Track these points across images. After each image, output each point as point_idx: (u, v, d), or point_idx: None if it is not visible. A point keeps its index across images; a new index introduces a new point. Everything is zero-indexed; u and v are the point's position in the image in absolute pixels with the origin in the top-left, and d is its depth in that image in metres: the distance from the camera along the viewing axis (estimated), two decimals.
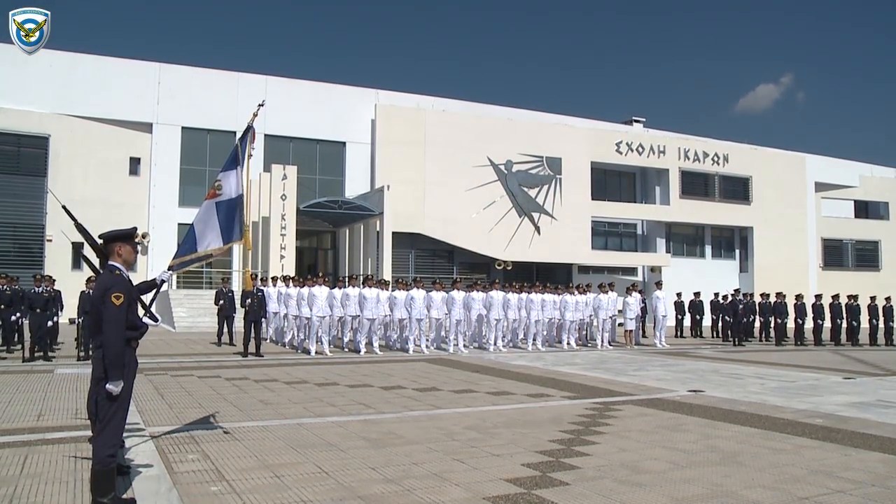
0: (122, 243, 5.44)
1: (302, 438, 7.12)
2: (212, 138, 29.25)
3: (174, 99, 28.83)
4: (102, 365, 5.05)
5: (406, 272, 30.19)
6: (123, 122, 28.32)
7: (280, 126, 30.17)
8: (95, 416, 5.07)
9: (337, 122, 31.30)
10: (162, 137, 28.65)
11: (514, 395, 10.29)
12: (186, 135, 29.08)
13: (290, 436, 7.22)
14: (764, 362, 16.06)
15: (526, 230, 33.06)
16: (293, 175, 26.62)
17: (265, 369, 13.18)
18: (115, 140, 28.17)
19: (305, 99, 30.85)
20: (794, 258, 38.87)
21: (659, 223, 37.57)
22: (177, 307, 23.89)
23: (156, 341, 18.52)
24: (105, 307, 5.07)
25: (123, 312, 5.11)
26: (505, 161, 32.89)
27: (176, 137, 28.89)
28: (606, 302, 20.18)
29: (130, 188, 28.41)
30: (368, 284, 17.35)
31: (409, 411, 8.80)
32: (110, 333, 5.03)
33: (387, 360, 15.46)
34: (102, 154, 27.95)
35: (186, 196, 28.64)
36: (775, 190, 38.95)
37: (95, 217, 24.75)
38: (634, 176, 38.51)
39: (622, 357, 17.16)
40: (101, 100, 27.81)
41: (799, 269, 38.55)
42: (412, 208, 30.40)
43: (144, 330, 5.45)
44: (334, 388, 10.72)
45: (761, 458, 6.56)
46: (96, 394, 5.08)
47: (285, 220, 26.23)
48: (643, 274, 37.03)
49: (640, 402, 9.80)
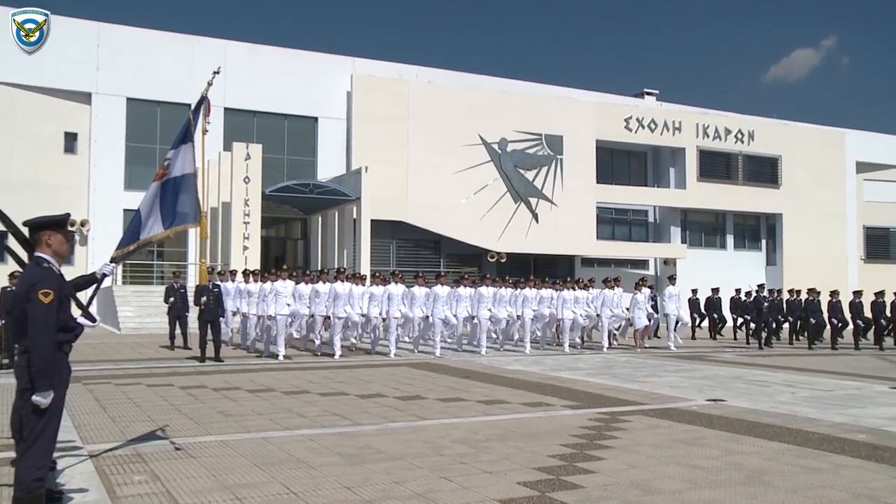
0: (52, 231, 5.33)
1: (267, 454, 7.10)
2: (162, 111, 29.07)
3: (117, 65, 28.59)
4: (28, 373, 4.96)
5: (387, 265, 30.20)
6: (56, 91, 28.05)
7: (242, 99, 30.04)
8: (20, 433, 4.99)
9: (308, 94, 31.20)
10: (103, 109, 28.42)
11: (509, 404, 10.31)
12: (132, 107, 28.88)
13: (254, 452, 7.20)
14: (794, 368, 16.18)
15: (522, 218, 33.12)
16: (257, 155, 26.53)
17: (225, 376, 13.15)
18: (46, 112, 27.92)
19: (271, 68, 30.74)
20: (831, 249, 39.16)
21: (673, 210, 37.78)
22: (122, 306, 23.74)
23: (97, 345, 18.39)
24: (31, 306, 4.98)
25: (53, 312, 5.02)
26: (499, 139, 32.90)
27: (120, 110, 28.67)
28: (612, 299, 20.25)
29: (66, 168, 28.20)
30: (341, 278, 17.33)
31: (390, 423, 8.80)
32: (38, 336, 4.93)
33: (364, 365, 15.42)
34: (32, 128, 27.70)
35: (133, 178, 28.46)
36: (809, 171, 39.22)
37: (25, 202, 24.67)
38: (646, 156, 38.68)
39: (631, 361, 17.19)
40: (29, 64, 27.49)
41: (836, 261, 38.82)
42: (393, 193, 30.38)
43: (79, 332, 5.36)
44: (305, 397, 10.71)
45: (793, 477, 6.57)
46: (21, 407, 5.00)
47: (249, 206, 26.15)
48: (655, 267, 37.27)
49: (652, 412, 9.83)
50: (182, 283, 18.81)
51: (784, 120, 40.84)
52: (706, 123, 37.50)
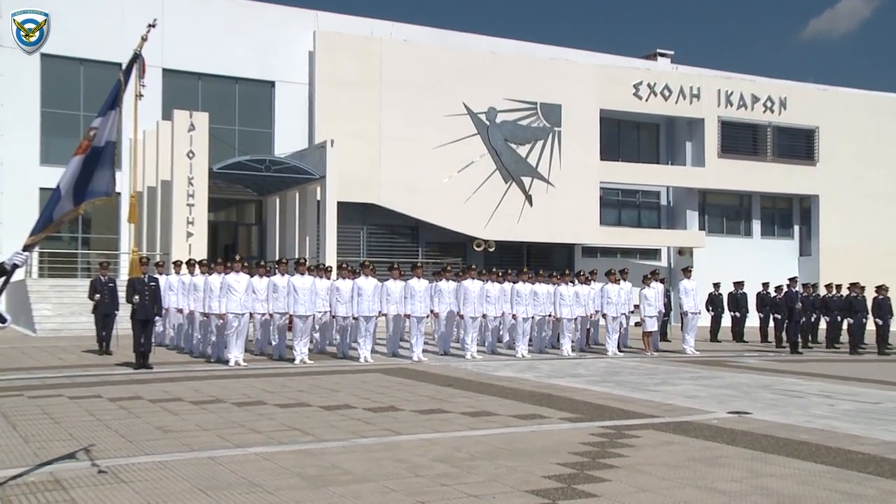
0: None
1: (215, 477, 7.10)
2: (87, 71, 28.79)
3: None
4: None
5: (357, 255, 30.15)
6: None
7: (184, 58, 29.82)
8: None
9: (262, 54, 31.07)
10: (11, 68, 28.01)
11: (498, 417, 10.37)
12: (49, 66, 28.51)
13: (199, 474, 7.20)
14: (832, 376, 16.33)
15: (514, 200, 33.17)
16: (203, 125, 26.32)
17: (165, 385, 13.11)
18: None
19: (219, 22, 30.55)
20: (877, 237, 39.35)
21: (690, 191, 37.98)
22: (39, 303, 23.54)
23: (6, 350, 18.25)
24: None
25: None
26: (486, 109, 32.87)
27: (33, 69, 28.27)
28: (618, 294, 20.34)
29: None
30: (301, 270, 17.30)
31: (360, 438, 8.83)
32: None
33: (330, 372, 15.41)
34: None
35: (52, 150, 28.19)
36: (852, 145, 39.44)
37: None
38: (658, 128, 38.83)
39: (639, 367, 17.26)
40: None
41: (883, 251, 38.91)
42: (364, 171, 30.32)
43: None
44: (260, 409, 10.73)
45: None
46: None
47: (193, 186, 25.98)
48: (668, 258, 37.49)
49: (665, 426, 9.91)
50: (111, 277, 18.64)
51: (823, 85, 41.05)
52: (729, 89, 37.68)
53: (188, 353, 18.57)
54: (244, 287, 16.50)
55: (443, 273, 19.46)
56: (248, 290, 16.63)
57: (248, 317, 17.07)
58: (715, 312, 26.29)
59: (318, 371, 15.56)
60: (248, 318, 16.92)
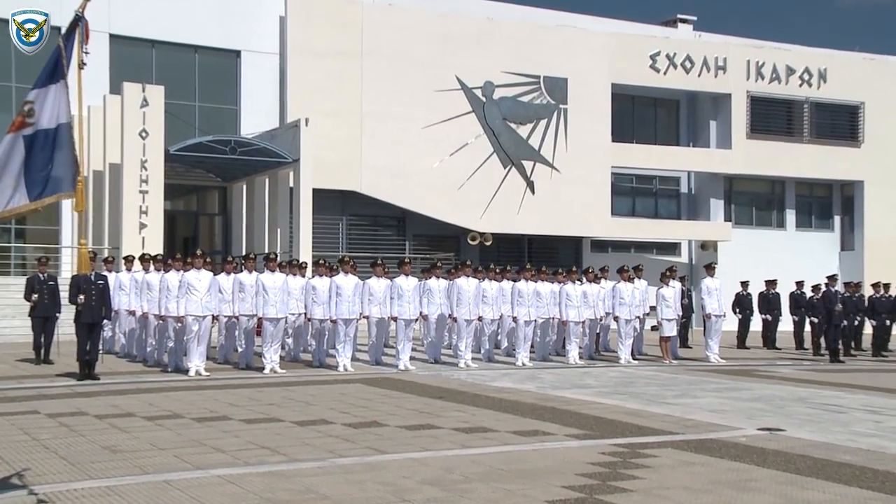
0: None
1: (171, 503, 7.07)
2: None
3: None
4: None
5: (335, 249, 30.12)
6: None
7: (135, 23, 29.63)
8: None
9: (227, 19, 30.94)
10: None
11: (495, 433, 10.38)
12: None
13: (153, 500, 7.18)
14: (878, 388, 16.33)
15: (514, 187, 33.17)
16: (158, 100, 26.24)
17: (115, 399, 13.06)
18: None
19: None
20: None
21: (715, 176, 38.01)
22: None
23: None
24: None
25: None
26: (483, 83, 32.85)
27: None
28: (632, 294, 20.35)
29: None
30: (271, 267, 17.28)
31: (338, 458, 8.83)
32: None
33: (304, 382, 15.40)
34: None
35: None
36: None
37: None
38: (678, 105, 38.83)
39: (656, 377, 17.28)
40: None
41: None
42: (343, 153, 30.28)
43: None
44: (224, 425, 10.72)
45: None
46: None
47: (147, 171, 25.90)
48: (689, 253, 37.54)
49: (685, 444, 9.91)
50: (52, 274, 18.57)
51: (869, 54, 40.87)
52: (760, 60, 37.66)
53: (141, 361, 18.52)
54: (206, 286, 16.44)
55: (433, 270, 19.43)
56: (211, 289, 16.58)
57: (211, 320, 17.01)
58: (743, 315, 26.36)
59: (290, 381, 15.52)
60: (210, 321, 16.86)
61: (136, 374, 16.46)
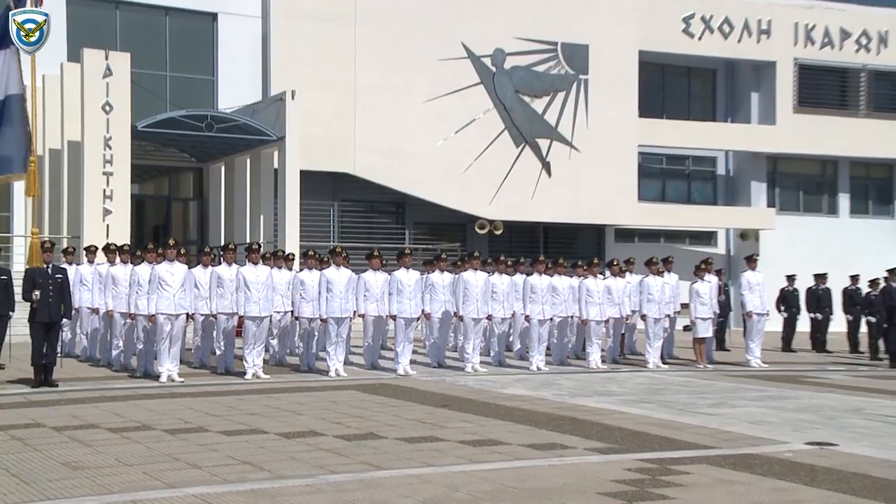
0: None
1: None
2: None
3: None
4: None
5: (326, 239, 30.13)
6: None
7: None
8: None
9: None
10: None
11: (507, 447, 10.36)
12: None
13: None
14: None
15: (528, 169, 33.16)
16: (124, 69, 26.19)
17: (76, 408, 13.02)
18: None
19: None
20: None
21: (756, 156, 37.98)
22: None
23: None
24: None
25: None
26: (492, 51, 32.81)
27: None
28: (661, 290, 20.33)
29: None
30: (254, 259, 17.25)
31: (329, 474, 8.79)
32: None
33: (291, 388, 15.39)
34: None
35: None
36: None
37: None
38: (715, 75, 38.73)
39: (689, 383, 17.27)
40: None
41: None
42: (335, 131, 30.30)
43: None
44: (200, 437, 10.70)
45: None
46: None
47: (111, 149, 25.87)
48: (727, 243, 37.53)
49: (723, 460, 9.87)
50: (2, 267, 18.45)
51: None
52: (810, 22, 37.52)
53: (106, 365, 18.49)
54: (180, 280, 16.37)
55: (436, 263, 19.41)
56: (185, 284, 16.52)
57: (185, 319, 16.97)
58: (788, 314, 26.28)
59: (275, 388, 15.52)
60: (184, 320, 16.82)
61: (100, 381, 16.40)
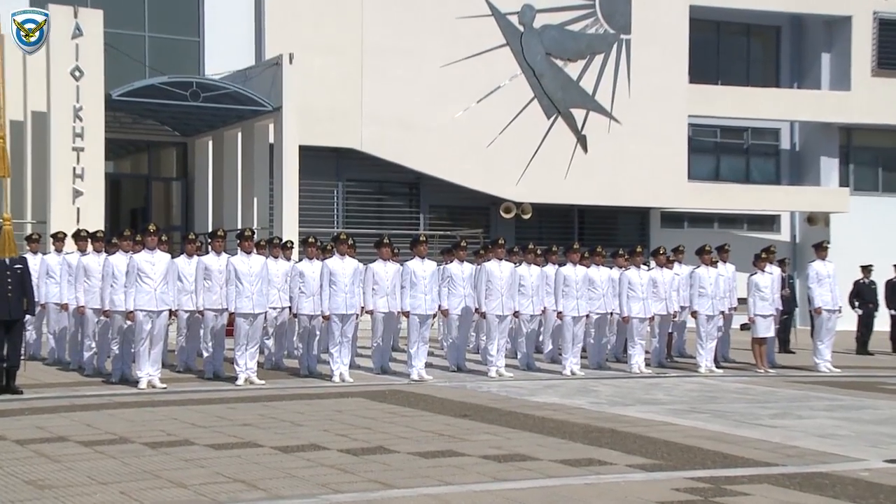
0: None
1: None
2: None
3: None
4: None
5: (329, 224, 30.21)
6: None
7: None
8: None
9: None
10: None
11: (536, 462, 10.34)
12: None
13: None
14: None
15: (560, 144, 33.26)
16: (96, 28, 26.30)
17: (42, 418, 13.09)
18: None
19: None
20: None
21: (828, 128, 37.95)
22: None
23: None
24: None
25: None
26: (520, 7, 32.86)
27: None
28: (715, 283, 20.24)
29: None
30: (247, 248, 17.18)
31: (333, 494, 8.78)
32: None
33: (288, 396, 15.47)
34: None
35: None
36: None
37: None
38: (778, 33, 38.65)
39: (748, 390, 17.29)
40: None
41: None
42: (339, 100, 30.46)
43: None
44: (185, 452, 10.71)
45: None
46: None
47: (82, 121, 26.00)
48: (792, 229, 37.52)
49: (786, 479, 9.80)
50: None
51: None
52: None
53: (76, 369, 18.51)
54: (161, 272, 16.38)
55: (455, 251, 19.37)
56: (168, 276, 16.57)
57: (168, 316, 17.03)
58: (864, 310, 26.08)
59: (271, 395, 15.57)
60: (166, 317, 16.89)
61: (70, 387, 16.46)
